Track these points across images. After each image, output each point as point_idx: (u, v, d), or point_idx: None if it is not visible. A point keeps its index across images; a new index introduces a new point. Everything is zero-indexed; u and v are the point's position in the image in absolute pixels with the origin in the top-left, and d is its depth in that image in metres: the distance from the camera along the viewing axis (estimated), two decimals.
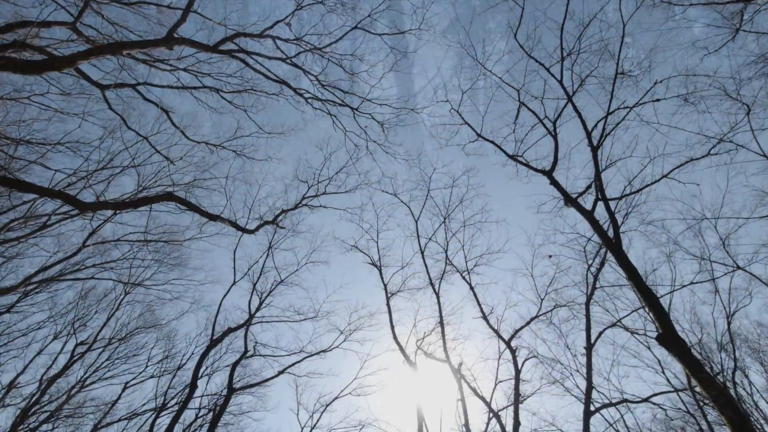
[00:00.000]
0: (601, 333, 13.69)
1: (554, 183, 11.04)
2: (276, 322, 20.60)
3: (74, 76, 12.51)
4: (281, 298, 21.31)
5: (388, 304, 17.12)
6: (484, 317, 16.72)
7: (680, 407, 13.75)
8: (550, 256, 11.72)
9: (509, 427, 14.68)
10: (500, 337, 16.03)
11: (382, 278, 17.82)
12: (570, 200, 10.45)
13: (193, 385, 16.44)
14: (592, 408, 12.16)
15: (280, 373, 20.16)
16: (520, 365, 15.06)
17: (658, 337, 7.35)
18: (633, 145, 11.29)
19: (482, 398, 14.56)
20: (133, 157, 15.72)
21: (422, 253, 16.88)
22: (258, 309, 19.95)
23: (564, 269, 17.78)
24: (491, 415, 14.00)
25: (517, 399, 14.06)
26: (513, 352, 15.51)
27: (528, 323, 16.72)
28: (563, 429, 14.66)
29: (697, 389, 12.97)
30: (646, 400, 12.99)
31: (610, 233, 9.26)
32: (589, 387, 12.58)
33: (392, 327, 16.56)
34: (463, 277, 17.50)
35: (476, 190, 18.01)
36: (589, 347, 13.34)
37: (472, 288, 17.35)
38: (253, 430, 26.70)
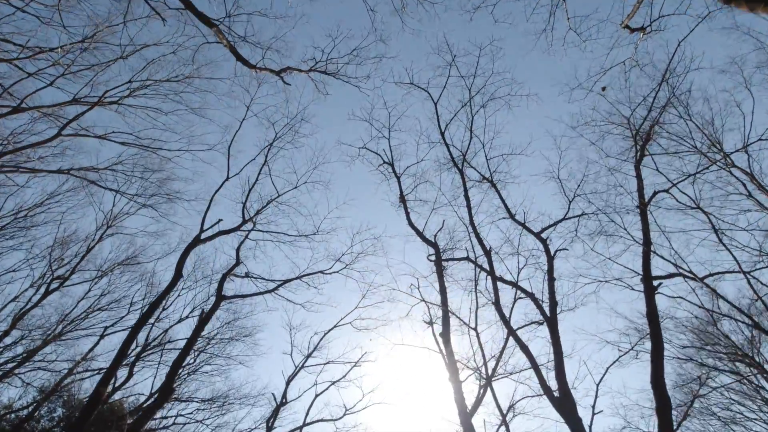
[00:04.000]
0: (655, 194, 11.89)
1: None
2: (272, 233, 18.56)
3: None
4: (275, 228, 19.26)
5: (401, 196, 15.26)
6: (510, 214, 14.91)
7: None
8: (604, 89, 10.01)
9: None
10: (529, 230, 14.20)
11: (395, 172, 15.94)
12: None
13: (177, 274, 14.38)
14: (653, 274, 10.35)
15: (275, 289, 18.12)
16: (552, 253, 13.26)
17: None
18: None
19: (515, 284, 12.72)
20: None
21: (442, 135, 15.07)
22: (254, 216, 17.97)
23: (594, 172, 16.12)
24: (517, 293, 12.17)
25: (552, 281, 12.24)
26: (544, 241, 13.70)
27: (557, 222, 14.93)
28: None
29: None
30: (702, 279, 11.15)
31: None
32: (647, 251, 10.75)
33: (407, 214, 14.67)
34: (484, 177, 15.68)
35: (502, 75, 16.20)
36: (644, 206, 11.55)
37: (494, 185, 15.54)
38: (244, 377, 24.38)
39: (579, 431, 8.91)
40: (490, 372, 11.22)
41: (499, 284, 13.25)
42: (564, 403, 9.40)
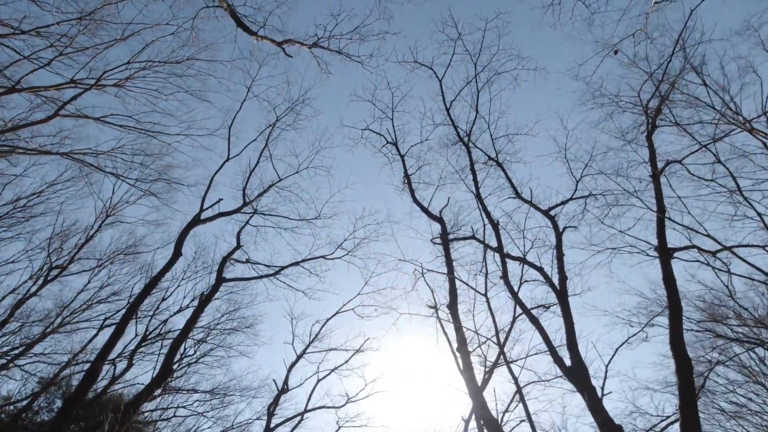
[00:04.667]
0: (668, 163, 11.54)
1: None
2: (273, 216, 18.20)
3: None
4: (276, 214, 18.86)
5: (406, 174, 14.94)
6: (516, 193, 14.59)
7: None
8: (616, 51, 9.72)
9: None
10: (536, 207, 13.88)
11: (399, 151, 15.62)
12: None
13: (176, 253, 14.05)
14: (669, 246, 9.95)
15: (276, 273, 17.77)
16: (561, 228, 12.95)
17: None
18: None
19: (522, 259, 12.38)
20: None
21: (448, 111, 14.73)
22: (255, 199, 17.63)
23: (603, 152, 15.78)
24: (524, 273, 11.84)
25: (561, 256, 11.92)
26: (552, 218, 13.38)
27: (565, 202, 14.61)
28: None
29: None
30: (730, 248, 10.69)
31: None
32: (661, 217, 10.37)
33: (412, 191, 14.35)
34: (490, 157, 15.36)
35: (508, 51, 15.85)
36: (657, 171, 11.21)
37: (500, 164, 15.22)
38: (245, 368, 24.04)
39: (593, 400, 8.60)
40: (502, 341, 10.83)
41: (507, 263, 12.93)
42: (577, 373, 9.08)
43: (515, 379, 9.79)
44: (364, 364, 22.23)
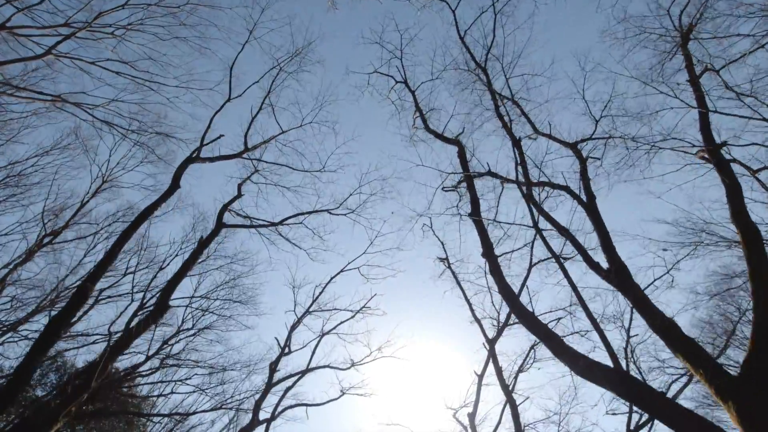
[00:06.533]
0: (706, 70, 10.67)
1: None
2: (276, 165, 17.30)
3: None
4: (278, 177, 17.91)
5: (417, 107, 14.10)
6: (535, 129, 13.74)
7: None
8: None
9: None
10: (557, 140, 13.02)
11: (409, 88, 14.77)
12: None
13: (174, 184, 13.16)
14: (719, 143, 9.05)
15: (279, 223, 16.88)
16: (585, 156, 12.11)
17: None
18: None
19: (546, 183, 11.53)
20: None
21: (462, 39, 13.87)
22: (259, 145, 16.73)
23: (622, 93, 14.97)
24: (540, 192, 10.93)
25: (587, 180, 11.06)
26: (575, 147, 12.50)
27: (586, 140, 13.76)
28: None
29: None
30: None
31: None
32: (705, 113, 9.45)
33: (424, 121, 13.49)
34: (505, 97, 14.53)
35: None
36: (694, 78, 10.36)
37: (516, 102, 14.37)
38: (246, 338, 23.13)
39: (638, 297, 7.73)
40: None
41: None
42: (617, 273, 8.21)
43: (556, 256, 8.90)
44: (369, 329, 21.41)
